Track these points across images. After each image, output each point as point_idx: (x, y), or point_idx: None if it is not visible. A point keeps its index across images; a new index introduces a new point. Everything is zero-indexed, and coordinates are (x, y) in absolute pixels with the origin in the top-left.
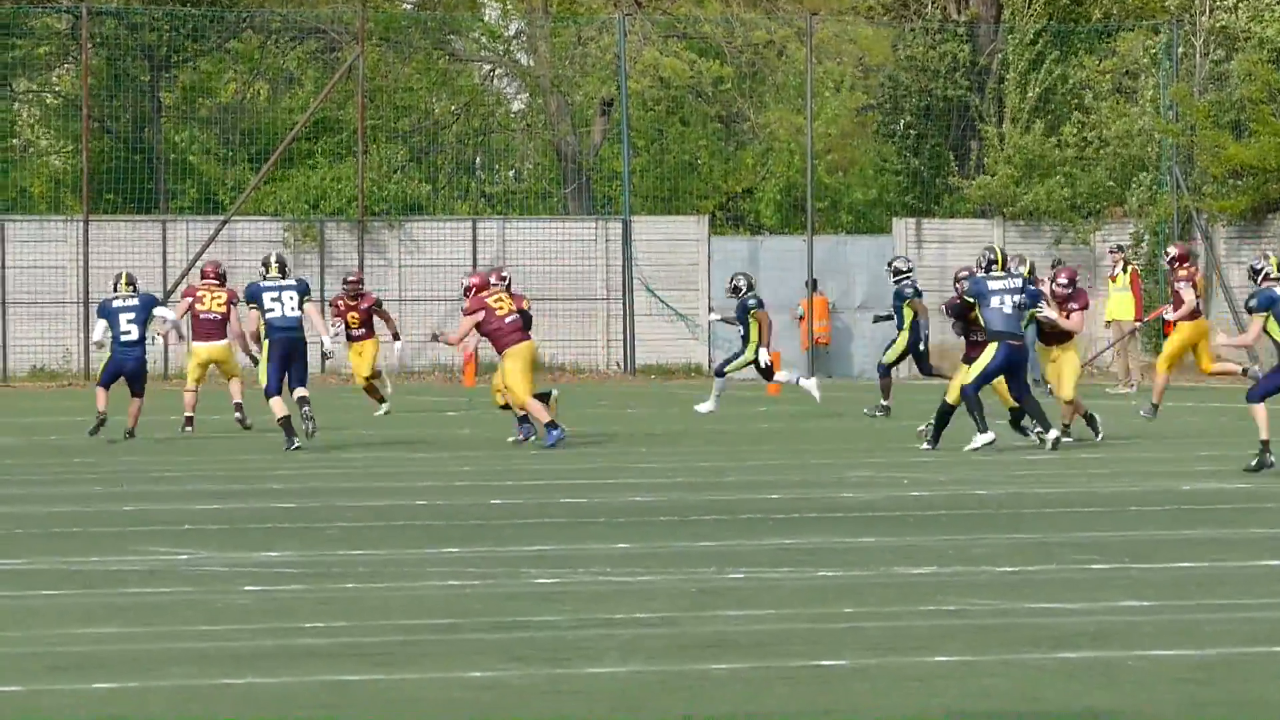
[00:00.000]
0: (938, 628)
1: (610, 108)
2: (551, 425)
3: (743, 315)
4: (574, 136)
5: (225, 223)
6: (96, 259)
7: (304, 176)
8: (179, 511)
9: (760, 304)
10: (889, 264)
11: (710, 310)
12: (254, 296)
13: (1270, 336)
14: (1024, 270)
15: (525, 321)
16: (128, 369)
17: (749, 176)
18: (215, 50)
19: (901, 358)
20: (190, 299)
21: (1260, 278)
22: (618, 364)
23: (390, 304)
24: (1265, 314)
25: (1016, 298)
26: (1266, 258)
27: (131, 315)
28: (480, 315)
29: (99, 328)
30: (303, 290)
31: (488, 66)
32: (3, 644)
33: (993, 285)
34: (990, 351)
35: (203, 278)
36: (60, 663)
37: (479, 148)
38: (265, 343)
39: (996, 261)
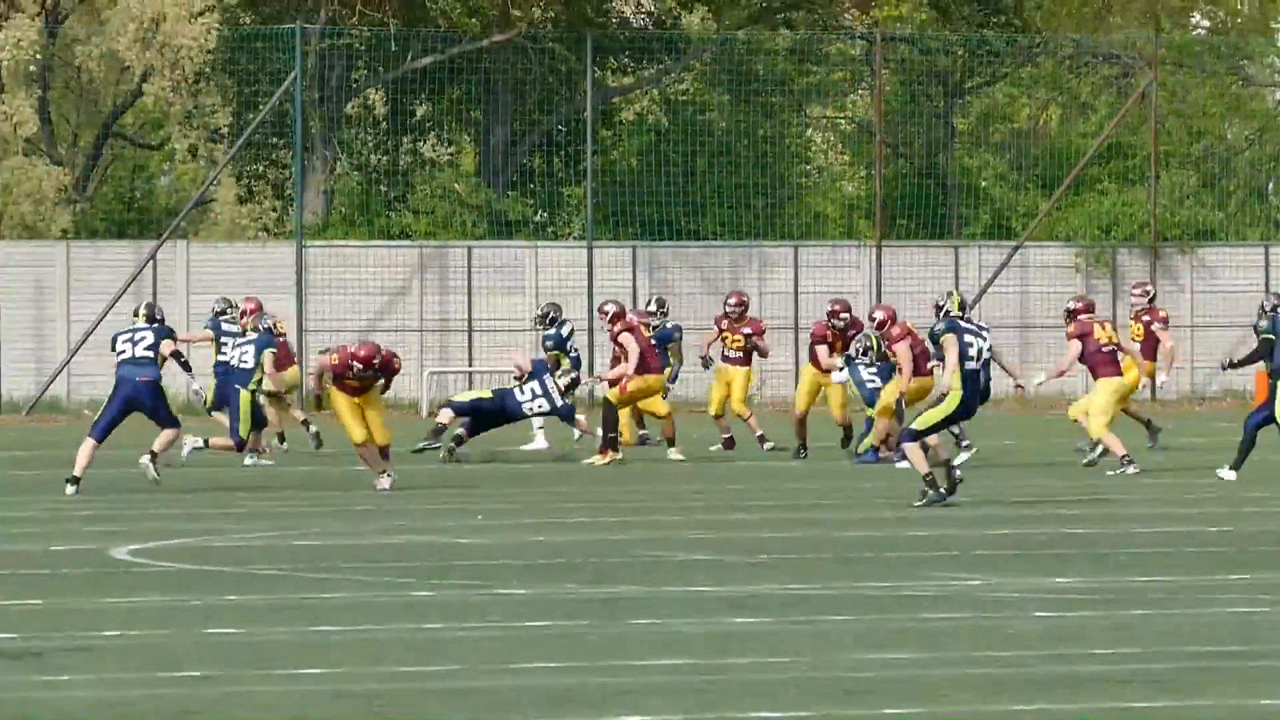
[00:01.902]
0: None
1: None
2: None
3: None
4: None
5: (1017, 249)
6: (889, 285)
7: (1095, 202)
8: (971, 537)
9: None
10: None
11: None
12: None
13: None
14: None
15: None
16: None
17: None
18: (1009, 75)
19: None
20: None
21: (942, 314)
22: None
23: (1179, 330)
24: (955, 334)
25: None
26: (949, 296)
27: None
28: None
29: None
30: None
31: None
32: (797, 669)
33: None
34: None
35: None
36: (852, 687)
37: (1272, 173)
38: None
39: None
